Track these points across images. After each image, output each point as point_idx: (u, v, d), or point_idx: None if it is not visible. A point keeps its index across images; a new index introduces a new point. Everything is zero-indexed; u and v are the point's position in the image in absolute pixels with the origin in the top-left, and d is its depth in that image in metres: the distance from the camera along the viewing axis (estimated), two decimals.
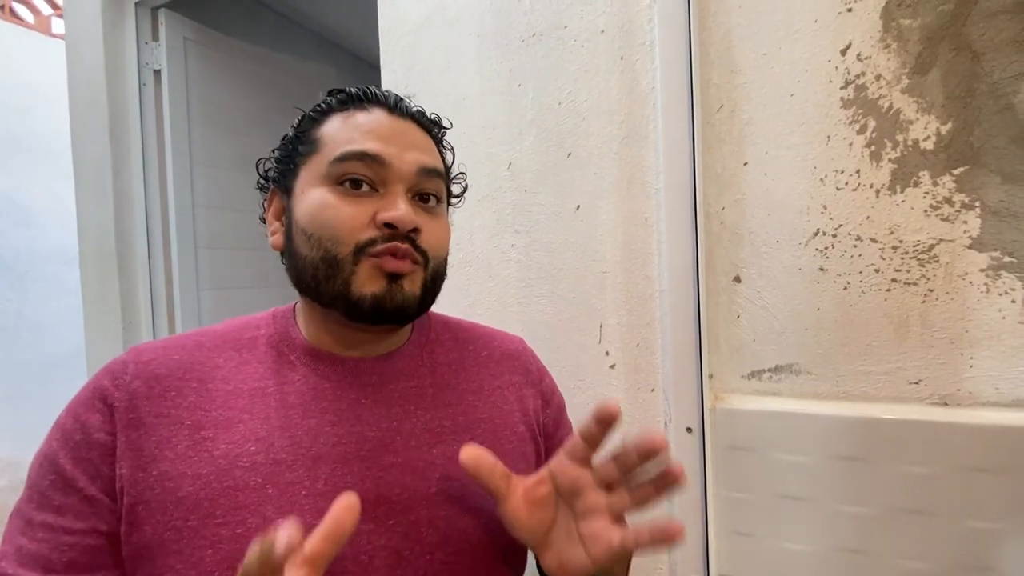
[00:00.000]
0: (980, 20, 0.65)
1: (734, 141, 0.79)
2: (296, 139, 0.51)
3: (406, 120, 0.51)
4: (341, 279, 0.46)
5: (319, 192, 0.47)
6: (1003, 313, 0.66)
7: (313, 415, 0.47)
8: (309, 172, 0.49)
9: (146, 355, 0.47)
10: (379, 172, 0.47)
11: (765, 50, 0.76)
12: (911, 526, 0.68)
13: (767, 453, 0.75)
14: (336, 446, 0.46)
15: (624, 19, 0.85)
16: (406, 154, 0.48)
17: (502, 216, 0.97)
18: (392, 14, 1.07)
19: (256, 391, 0.47)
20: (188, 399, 0.45)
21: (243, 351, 0.50)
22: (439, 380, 0.54)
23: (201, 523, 0.41)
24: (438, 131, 0.56)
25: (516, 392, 0.58)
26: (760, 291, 0.78)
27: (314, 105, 0.53)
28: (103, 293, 1.60)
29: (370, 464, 0.46)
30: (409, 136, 0.50)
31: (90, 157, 1.60)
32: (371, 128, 0.48)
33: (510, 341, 0.64)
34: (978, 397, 0.67)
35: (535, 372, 0.62)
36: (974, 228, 0.66)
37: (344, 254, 0.46)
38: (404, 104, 0.52)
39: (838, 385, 0.74)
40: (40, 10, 2.58)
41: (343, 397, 0.49)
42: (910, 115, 0.69)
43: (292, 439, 0.45)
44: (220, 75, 1.78)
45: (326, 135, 0.49)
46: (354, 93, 0.51)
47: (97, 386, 0.45)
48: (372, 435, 0.48)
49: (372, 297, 0.46)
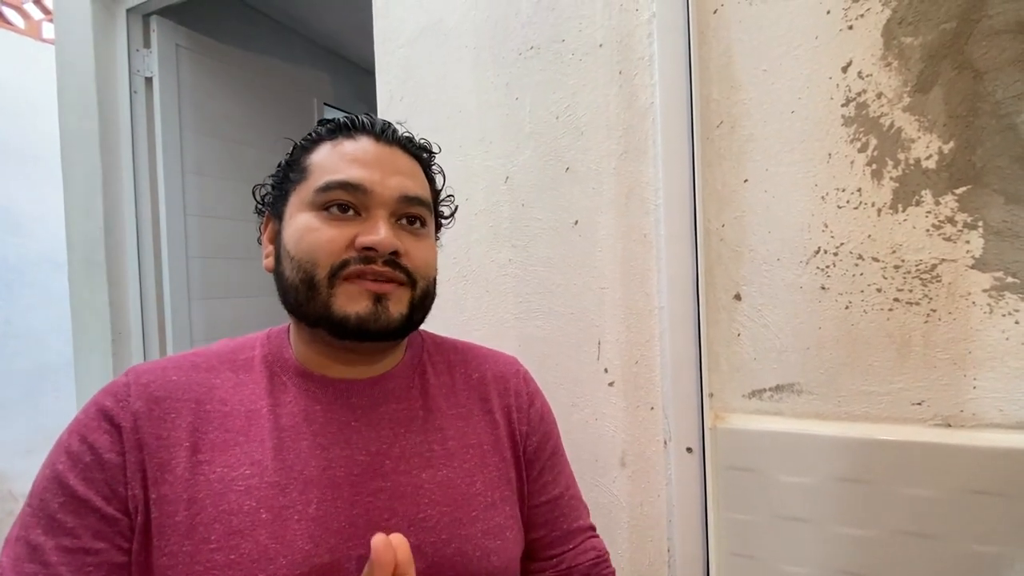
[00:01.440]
0: (982, 39, 0.65)
1: (734, 157, 0.78)
2: (288, 167, 0.53)
3: (392, 147, 0.53)
4: (320, 301, 0.47)
5: (305, 217, 0.49)
6: (1006, 334, 0.65)
7: (304, 438, 0.48)
8: (298, 198, 0.50)
9: (145, 376, 0.47)
10: (361, 199, 0.49)
11: (765, 66, 0.76)
12: (913, 549, 0.67)
13: (768, 474, 0.74)
14: (327, 470, 0.47)
15: (623, 33, 0.85)
16: (389, 180, 0.50)
17: (499, 230, 0.95)
18: (387, 25, 1.06)
19: (252, 412, 0.48)
20: (186, 420, 0.46)
21: (239, 372, 0.51)
22: (430, 404, 0.55)
23: (195, 548, 0.42)
24: (427, 156, 0.57)
25: (505, 416, 0.59)
26: (761, 309, 0.77)
27: (305, 134, 0.55)
28: (92, 303, 1.57)
29: (359, 489, 0.47)
30: (394, 162, 0.51)
31: (80, 165, 1.57)
32: (356, 156, 0.50)
33: (504, 363, 0.63)
34: (981, 419, 0.66)
35: (525, 396, 0.62)
36: (977, 248, 0.66)
37: (321, 276, 0.47)
38: (391, 131, 0.54)
39: (840, 405, 0.73)
40: (30, 15, 2.55)
41: (333, 420, 0.49)
42: (912, 133, 0.68)
43: (284, 463, 0.46)
44: (213, 82, 1.76)
45: (314, 163, 0.51)
46: (343, 122, 0.53)
47: (101, 407, 0.45)
48: (362, 459, 0.48)
49: (356, 317, 0.47)
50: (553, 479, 0.60)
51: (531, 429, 0.60)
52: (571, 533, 0.59)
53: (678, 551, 0.81)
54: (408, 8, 1.03)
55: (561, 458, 0.63)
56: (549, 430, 0.63)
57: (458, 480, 0.52)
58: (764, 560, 0.74)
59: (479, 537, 0.49)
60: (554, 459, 0.62)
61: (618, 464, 0.87)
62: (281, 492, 0.44)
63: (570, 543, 0.59)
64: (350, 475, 0.47)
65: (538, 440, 0.60)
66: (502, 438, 0.57)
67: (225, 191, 1.79)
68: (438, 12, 1.00)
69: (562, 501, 0.60)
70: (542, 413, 0.63)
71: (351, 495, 0.46)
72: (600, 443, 0.88)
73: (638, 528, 0.85)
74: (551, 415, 0.65)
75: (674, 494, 0.81)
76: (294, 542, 0.43)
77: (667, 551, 0.83)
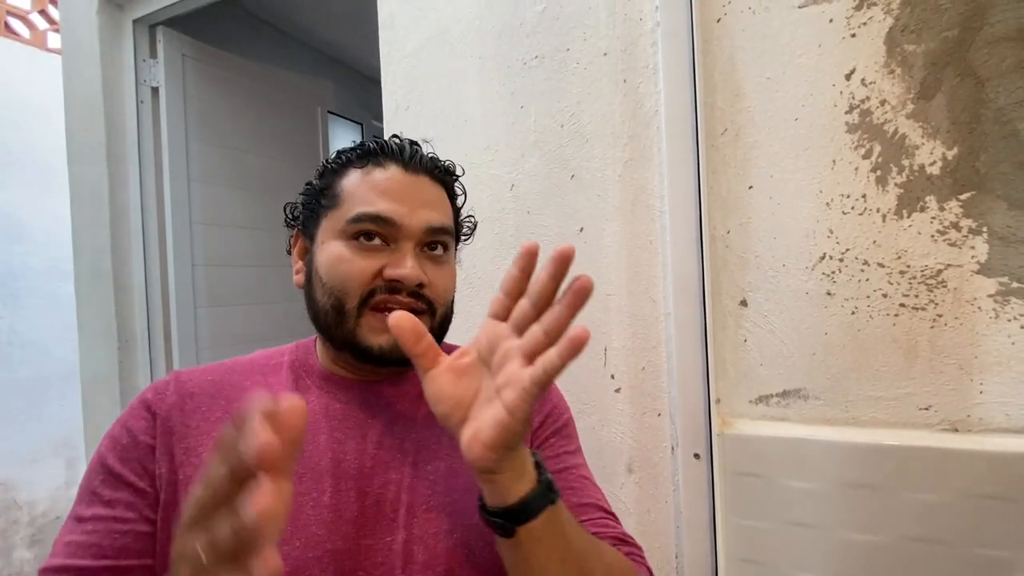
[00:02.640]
0: (984, 46, 0.66)
1: (739, 164, 0.79)
2: (319, 191, 0.56)
3: (420, 175, 0.55)
4: (347, 328, 0.51)
5: (336, 245, 0.52)
6: (1012, 339, 0.65)
7: (323, 432, 0.51)
8: (329, 224, 0.53)
9: (184, 376, 0.54)
10: (390, 231, 0.52)
11: (769, 74, 0.76)
12: (921, 554, 0.67)
13: (776, 479, 0.74)
14: (341, 463, 0.50)
15: (627, 42, 0.86)
16: (417, 212, 0.52)
17: (505, 238, 0.96)
18: (392, 35, 1.07)
19: None
20: (215, 415, 0.51)
21: (268, 375, 0.56)
22: None
23: None
24: (451, 179, 0.60)
25: None
26: (767, 315, 0.77)
27: (334, 157, 0.57)
28: (98, 311, 1.58)
29: (370, 480, 0.50)
30: (422, 193, 0.54)
31: (86, 175, 1.58)
32: (386, 188, 0.52)
33: None
34: (988, 423, 0.67)
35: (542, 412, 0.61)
36: (981, 253, 0.66)
37: (351, 305, 0.51)
38: (418, 158, 0.55)
39: (847, 411, 0.73)
40: (36, 25, 2.57)
41: (351, 417, 0.53)
42: (916, 140, 0.69)
43: (303, 455, 0.49)
44: (219, 92, 1.78)
45: (345, 191, 0.53)
46: (372, 148, 0.55)
47: (143, 399, 0.51)
48: (374, 452, 0.51)
49: (379, 348, 0.50)
50: (556, 455, 0.58)
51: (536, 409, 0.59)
52: (583, 507, 0.55)
53: (686, 557, 0.81)
54: (413, 18, 1.04)
55: (570, 440, 0.61)
56: (556, 410, 0.62)
57: (461, 470, 0.53)
58: (772, 565, 0.74)
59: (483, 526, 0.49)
60: (559, 438, 0.60)
61: (625, 470, 0.87)
62: (298, 480, 0.47)
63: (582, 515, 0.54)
64: (363, 467, 0.50)
65: (541, 419, 0.60)
66: None
67: (231, 199, 1.80)
68: (443, 22, 1.01)
69: (568, 475, 0.57)
70: (547, 395, 0.62)
71: (362, 486, 0.49)
72: (607, 449, 0.88)
73: (646, 534, 0.85)
74: (561, 400, 0.64)
75: (682, 500, 0.81)
76: (308, 527, 0.46)
77: (675, 557, 0.83)
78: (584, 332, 0.34)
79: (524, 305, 0.40)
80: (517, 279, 0.40)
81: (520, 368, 0.38)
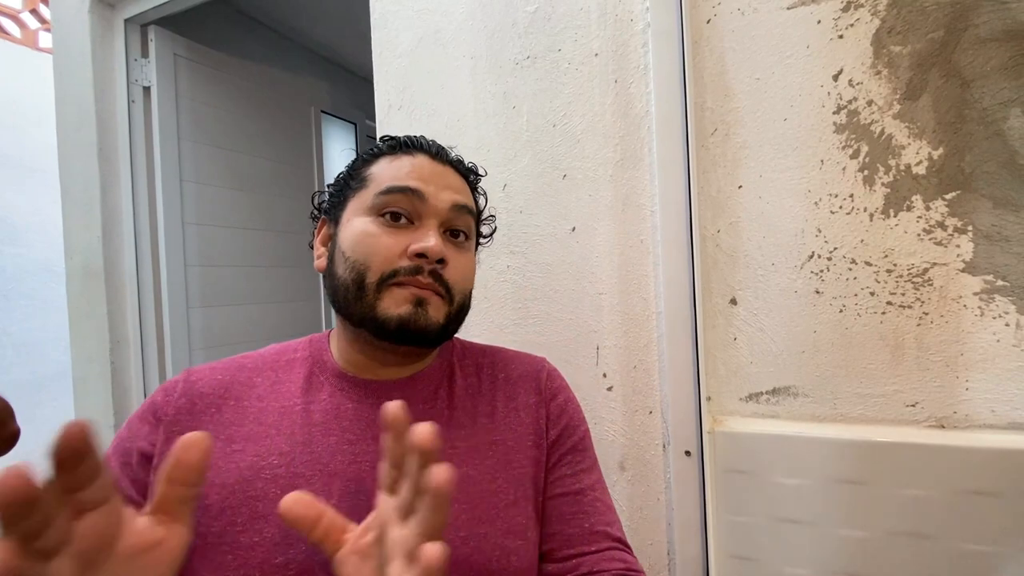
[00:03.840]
0: (969, 48, 0.66)
1: (729, 164, 0.79)
2: (348, 176, 0.58)
3: (445, 166, 0.57)
4: (367, 302, 0.51)
5: (363, 221, 0.53)
6: (997, 336, 0.66)
7: (333, 433, 0.51)
8: (357, 203, 0.55)
9: (195, 375, 0.54)
10: (417, 206, 0.53)
11: (758, 75, 0.77)
12: (908, 549, 0.68)
13: (766, 476, 0.75)
14: (352, 464, 0.49)
15: (618, 43, 0.86)
16: (442, 192, 0.54)
17: (497, 237, 0.96)
18: (385, 35, 1.07)
19: (285, 409, 0.52)
20: (225, 415, 0.51)
21: (280, 372, 0.56)
22: (455, 403, 0.57)
23: (223, 529, 0.45)
24: (474, 178, 0.63)
25: (531, 413, 0.59)
26: (757, 313, 0.78)
27: (367, 149, 0.60)
28: (90, 312, 1.57)
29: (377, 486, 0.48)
30: (447, 179, 0.56)
31: (78, 174, 1.58)
32: (414, 169, 0.55)
33: (530, 362, 0.64)
34: (974, 420, 0.68)
35: (547, 391, 0.61)
36: (967, 252, 0.67)
37: (372, 280, 0.51)
38: (445, 152, 0.59)
39: (835, 408, 0.74)
40: (27, 24, 2.55)
41: (363, 417, 0.52)
42: (902, 140, 0.70)
43: (312, 455, 0.49)
44: (211, 91, 1.77)
45: (374, 173, 0.55)
46: (403, 140, 0.58)
47: (152, 401, 0.52)
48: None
49: (398, 318, 0.50)
50: (573, 474, 0.57)
51: (551, 421, 0.59)
52: (594, 535, 0.53)
53: (678, 554, 0.81)
54: (406, 18, 1.04)
55: (586, 455, 0.60)
56: (572, 424, 0.61)
57: (479, 477, 0.52)
58: (763, 562, 0.75)
59: (499, 536, 0.49)
60: (576, 454, 0.59)
61: (617, 468, 0.87)
62: (307, 483, 0.48)
63: (592, 545, 0.53)
64: (374, 471, 0.49)
65: (558, 432, 0.59)
66: (526, 435, 0.57)
67: (223, 199, 1.80)
68: (436, 22, 1.01)
69: (583, 498, 0.56)
70: (564, 406, 0.61)
71: (373, 489, 0.48)
72: (599, 447, 0.88)
73: (638, 532, 0.86)
74: (577, 411, 0.63)
75: (673, 497, 0.81)
76: None
77: (667, 554, 0.84)
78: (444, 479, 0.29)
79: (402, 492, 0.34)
80: (394, 451, 0.35)
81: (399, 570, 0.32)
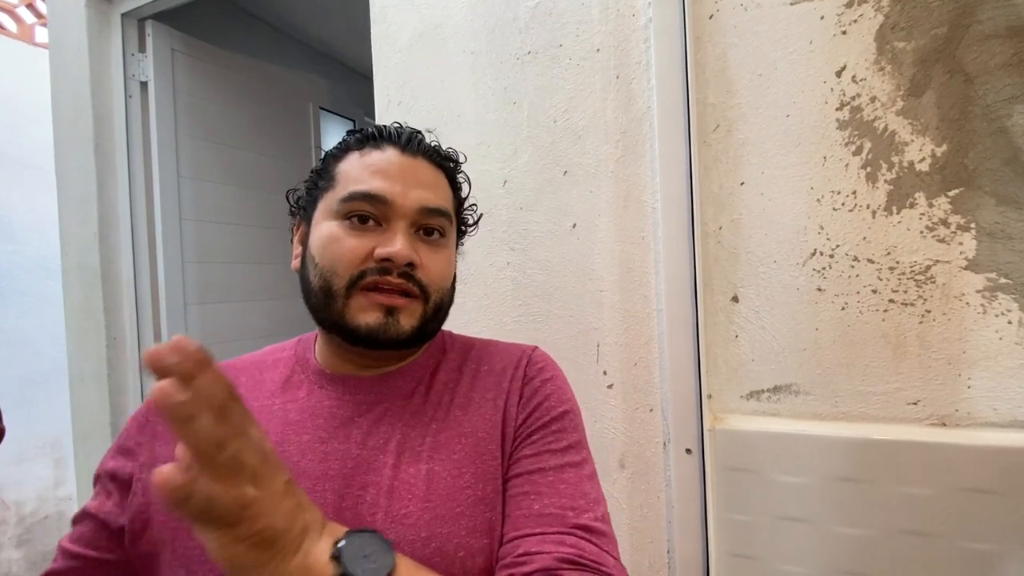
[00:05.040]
0: (973, 44, 0.66)
1: (730, 161, 0.79)
2: (318, 174, 0.56)
3: (417, 158, 0.54)
4: (336, 309, 0.49)
5: (330, 225, 0.51)
6: (1000, 334, 0.66)
7: (307, 431, 0.50)
8: (325, 205, 0.52)
9: None
10: (382, 210, 0.50)
11: (761, 71, 0.77)
12: (909, 547, 0.68)
13: (767, 474, 0.75)
14: (322, 462, 0.48)
15: (620, 38, 0.85)
16: (410, 192, 0.51)
17: (497, 234, 0.96)
18: (384, 30, 1.06)
19: (263, 408, 0.52)
20: None
21: (264, 371, 0.56)
22: (433, 398, 0.55)
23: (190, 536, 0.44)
24: (453, 166, 0.58)
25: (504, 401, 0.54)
26: (758, 311, 0.78)
27: (336, 143, 0.57)
28: (87, 309, 1.56)
29: (349, 483, 0.48)
30: (418, 174, 0.53)
31: (74, 170, 1.56)
32: (380, 168, 0.51)
33: (514, 352, 0.60)
34: (976, 418, 0.67)
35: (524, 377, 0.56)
36: (970, 249, 0.67)
37: (339, 286, 0.49)
38: (416, 142, 0.55)
39: (837, 406, 0.73)
40: (23, 19, 2.53)
41: (338, 415, 0.51)
42: (905, 137, 0.69)
43: (283, 454, 0.48)
44: (209, 87, 1.76)
45: (341, 172, 0.53)
46: (371, 132, 0.55)
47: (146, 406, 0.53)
48: (357, 453, 0.49)
49: (367, 327, 0.49)
50: (536, 454, 0.51)
51: (522, 404, 0.54)
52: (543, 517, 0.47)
53: (678, 552, 0.81)
54: (405, 13, 1.04)
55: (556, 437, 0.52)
56: (545, 404, 0.54)
57: (444, 473, 0.49)
58: (763, 560, 0.75)
59: (463, 535, 0.47)
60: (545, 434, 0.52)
61: (618, 466, 0.87)
62: None
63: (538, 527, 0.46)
64: (343, 469, 0.48)
65: (527, 414, 0.53)
66: (498, 424, 0.52)
67: (221, 195, 1.79)
68: (435, 17, 1.01)
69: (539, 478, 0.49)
70: (538, 388, 0.55)
71: (341, 488, 0.47)
72: (600, 445, 0.88)
73: (638, 529, 0.85)
74: (556, 393, 0.56)
75: (674, 495, 0.81)
76: None
77: (667, 552, 0.83)
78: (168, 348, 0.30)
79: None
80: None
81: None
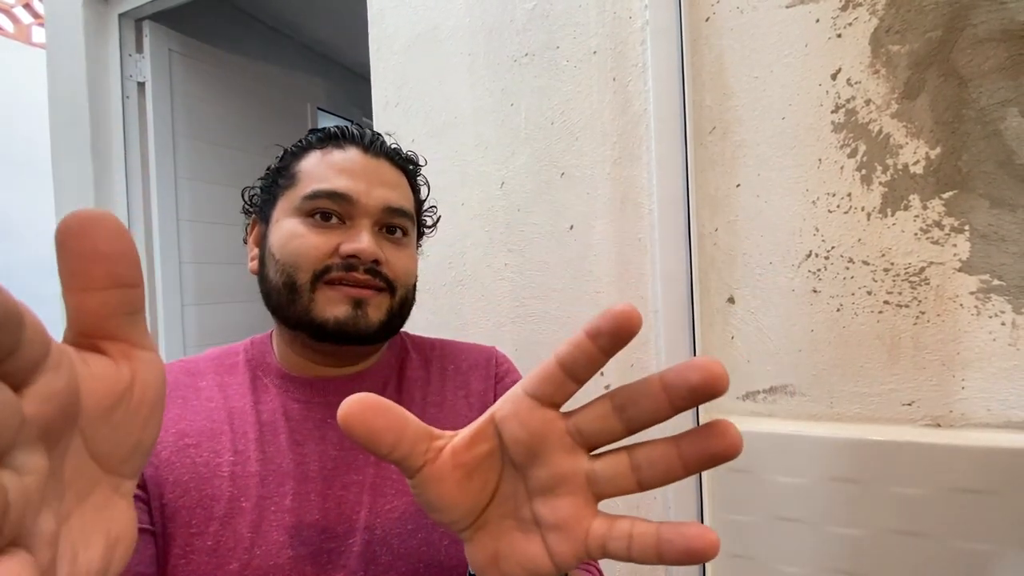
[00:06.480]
0: (967, 47, 0.67)
1: (727, 163, 0.79)
2: (277, 172, 0.54)
3: (379, 159, 0.54)
4: (301, 305, 0.48)
5: (291, 222, 0.50)
6: (993, 335, 0.66)
7: (282, 432, 0.50)
8: (286, 203, 0.51)
9: None
10: (346, 208, 0.50)
11: (757, 73, 0.77)
12: (904, 547, 0.68)
13: (763, 475, 0.75)
14: (301, 464, 0.48)
15: (617, 40, 0.86)
16: (374, 191, 0.51)
17: (495, 235, 0.96)
18: (382, 32, 1.06)
19: (235, 409, 0.50)
20: (171, 412, 0.48)
21: (224, 375, 0.53)
22: (403, 397, 0.56)
23: (176, 531, 0.44)
24: (413, 168, 0.59)
25: (480, 399, 0.58)
26: (754, 312, 0.78)
27: (296, 142, 0.56)
28: None
29: (331, 483, 0.48)
30: (380, 174, 0.53)
31: (71, 171, 1.56)
32: (344, 167, 0.51)
33: (478, 352, 0.63)
34: (970, 418, 0.68)
35: (496, 376, 0.60)
36: (964, 251, 0.67)
37: (303, 281, 0.48)
38: (379, 143, 0.55)
39: (832, 407, 0.74)
40: (20, 19, 2.53)
41: (310, 417, 0.51)
42: (900, 139, 0.70)
43: (264, 455, 0.48)
44: (206, 87, 1.76)
45: (303, 170, 0.52)
46: (332, 132, 0.54)
47: None
48: (335, 454, 0.50)
49: (335, 321, 0.48)
50: None
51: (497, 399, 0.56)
52: None
53: None
54: (403, 15, 1.04)
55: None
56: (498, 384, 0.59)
57: None
58: (760, 560, 0.75)
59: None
60: None
61: None
62: (261, 482, 0.46)
63: None
64: (323, 470, 0.49)
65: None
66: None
67: (218, 196, 1.79)
68: (433, 19, 1.01)
69: None
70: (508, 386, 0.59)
71: (323, 488, 0.48)
72: None
73: None
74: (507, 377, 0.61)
75: (670, 496, 0.81)
76: (269, 533, 0.45)
77: None
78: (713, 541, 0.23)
79: (606, 411, 0.25)
80: (588, 356, 0.24)
81: (586, 510, 0.26)
